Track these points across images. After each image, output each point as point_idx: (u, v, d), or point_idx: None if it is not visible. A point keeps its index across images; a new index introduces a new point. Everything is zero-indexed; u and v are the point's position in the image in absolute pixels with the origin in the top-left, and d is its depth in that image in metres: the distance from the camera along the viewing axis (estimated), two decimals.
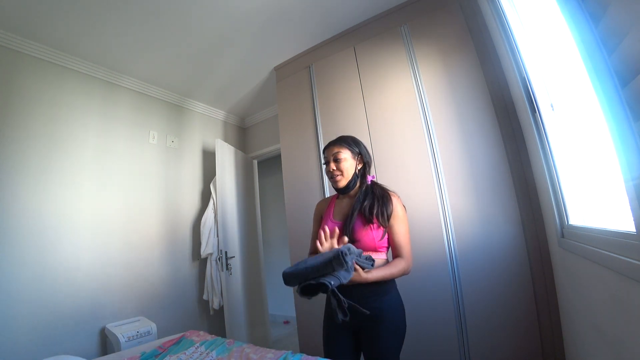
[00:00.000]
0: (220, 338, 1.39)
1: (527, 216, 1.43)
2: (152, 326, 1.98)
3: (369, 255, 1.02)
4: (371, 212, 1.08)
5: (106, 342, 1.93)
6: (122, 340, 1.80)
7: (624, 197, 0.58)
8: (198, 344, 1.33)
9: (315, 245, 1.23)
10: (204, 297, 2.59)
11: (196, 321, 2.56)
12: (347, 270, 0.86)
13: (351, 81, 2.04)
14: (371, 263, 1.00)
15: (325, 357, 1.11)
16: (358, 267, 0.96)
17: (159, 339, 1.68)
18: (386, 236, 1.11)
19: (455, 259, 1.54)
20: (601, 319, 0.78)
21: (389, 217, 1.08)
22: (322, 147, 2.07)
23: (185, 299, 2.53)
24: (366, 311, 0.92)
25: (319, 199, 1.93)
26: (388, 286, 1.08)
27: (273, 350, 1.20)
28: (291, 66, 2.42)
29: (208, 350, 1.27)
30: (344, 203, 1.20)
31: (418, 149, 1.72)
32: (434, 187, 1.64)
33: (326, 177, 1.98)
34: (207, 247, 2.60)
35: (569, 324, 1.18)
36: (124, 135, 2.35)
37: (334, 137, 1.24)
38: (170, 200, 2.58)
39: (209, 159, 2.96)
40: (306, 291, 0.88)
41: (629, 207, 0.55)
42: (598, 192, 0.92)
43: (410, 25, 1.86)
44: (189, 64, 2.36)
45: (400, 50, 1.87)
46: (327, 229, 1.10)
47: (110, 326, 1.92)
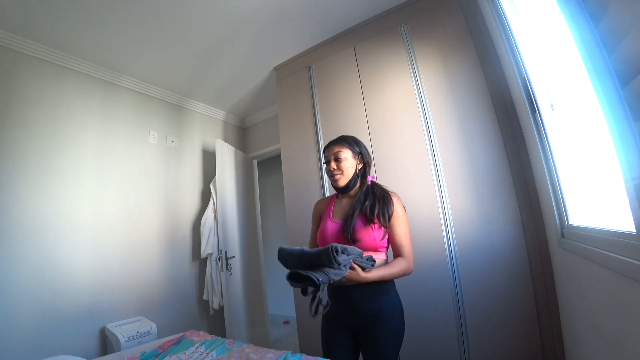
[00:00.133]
0: (220, 338, 1.39)
1: (527, 216, 1.43)
2: (152, 326, 1.98)
3: (370, 256, 1.02)
4: (372, 212, 1.08)
5: (106, 342, 1.93)
6: (122, 340, 1.80)
7: (624, 197, 0.58)
8: (198, 344, 1.33)
9: (314, 245, 1.23)
10: (204, 297, 2.59)
11: (196, 321, 2.56)
12: (338, 269, 0.86)
13: (351, 81, 2.04)
14: (371, 263, 1.00)
15: (325, 357, 1.11)
16: (357, 266, 0.96)
17: (159, 339, 1.68)
18: (386, 236, 1.11)
19: (455, 259, 1.54)
20: (601, 319, 0.78)
21: (389, 218, 1.08)
22: (322, 147, 2.07)
23: (185, 299, 2.53)
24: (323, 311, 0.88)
25: (318, 198, 1.93)
26: (387, 286, 1.08)
27: (273, 350, 1.20)
28: (291, 66, 2.42)
29: (208, 350, 1.27)
30: (344, 203, 1.20)
31: (418, 149, 1.72)
32: (434, 187, 1.64)
33: (326, 176, 1.99)
34: (207, 247, 2.60)
35: (569, 324, 1.17)
36: (124, 135, 2.35)
37: (334, 137, 1.24)
38: (170, 200, 2.58)
39: (209, 159, 2.96)
40: (294, 278, 0.88)
41: (629, 207, 0.55)
42: (598, 192, 0.92)
43: (410, 25, 1.86)
44: (189, 64, 2.36)
45: (400, 50, 1.87)
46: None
47: (110, 326, 1.92)
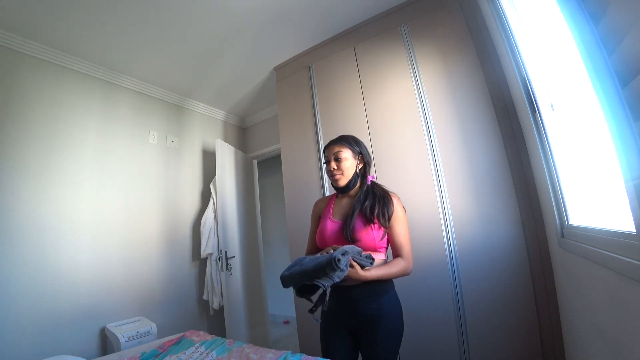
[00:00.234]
0: (220, 338, 1.39)
1: (527, 216, 1.43)
2: (152, 326, 1.98)
3: (369, 254, 1.02)
4: (372, 212, 1.08)
5: (106, 342, 1.93)
6: (122, 340, 1.80)
7: (624, 197, 0.58)
8: (198, 344, 1.33)
9: (313, 245, 1.23)
10: (204, 297, 2.59)
11: (196, 321, 2.56)
12: (341, 270, 0.89)
13: (351, 81, 2.04)
14: (370, 261, 1.00)
15: (324, 357, 1.11)
16: (356, 264, 0.97)
17: (159, 339, 1.68)
18: (386, 236, 1.11)
19: (455, 259, 1.54)
20: (601, 319, 0.78)
21: (389, 218, 1.08)
22: (322, 147, 2.07)
23: (185, 299, 2.53)
24: (318, 320, 0.92)
25: (318, 198, 1.93)
26: (386, 287, 1.08)
27: (273, 350, 1.20)
28: (291, 66, 2.42)
29: (208, 350, 1.27)
30: (344, 203, 1.20)
31: (418, 149, 1.72)
32: (434, 187, 1.64)
33: (326, 176, 1.99)
34: (207, 247, 2.60)
35: (569, 324, 1.17)
36: (124, 135, 2.35)
37: (334, 137, 1.24)
38: (170, 200, 2.58)
39: (209, 159, 2.96)
40: (302, 292, 0.93)
41: (629, 207, 0.55)
42: (598, 192, 0.92)
43: (410, 25, 1.86)
44: (189, 64, 2.36)
45: (400, 50, 1.87)
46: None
47: (110, 326, 1.92)
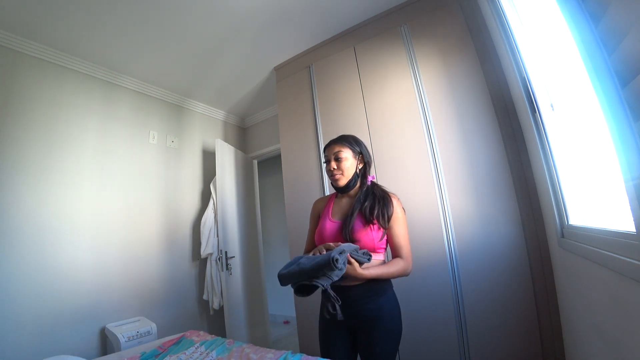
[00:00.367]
0: (220, 338, 1.39)
1: (527, 216, 1.43)
2: (152, 326, 1.98)
3: (366, 251, 1.02)
4: (372, 213, 1.08)
5: (106, 342, 1.93)
6: (122, 340, 1.80)
7: (624, 197, 0.58)
8: (198, 344, 1.33)
9: (311, 244, 1.23)
10: (204, 297, 2.59)
11: (196, 321, 2.56)
12: (339, 269, 0.90)
13: (351, 81, 2.04)
14: (368, 257, 1.01)
15: (323, 357, 1.10)
16: (354, 261, 0.97)
17: (159, 339, 1.68)
18: (385, 237, 1.11)
19: (455, 259, 1.54)
20: (601, 319, 0.78)
21: (389, 219, 1.08)
22: (322, 147, 2.07)
23: (185, 299, 2.53)
24: (341, 316, 0.93)
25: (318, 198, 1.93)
26: (385, 287, 1.08)
27: (273, 350, 1.20)
28: (291, 66, 2.42)
29: (208, 350, 1.27)
30: (343, 202, 1.19)
31: (418, 149, 1.72)
32: (434, 187, 1.64)
33: (326, 176, 1.99)
34: (207, 247, 2.60)
35: (569, 324, 1.17)
36: (124, 135, 2.35)
37: (334, 137, 1.23)
38: (170, 200, 2.58)
39: (209, 159, 2.96)
40: (300, 291, 0.93)
41: (629, 207, 0.55)
42: (598, 192, 0.92)
43: (410, 25, 1.86)
44: (189, 64, 2.36)
45: (400, 50, 1.87)
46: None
47: (110, 326, 1.92)
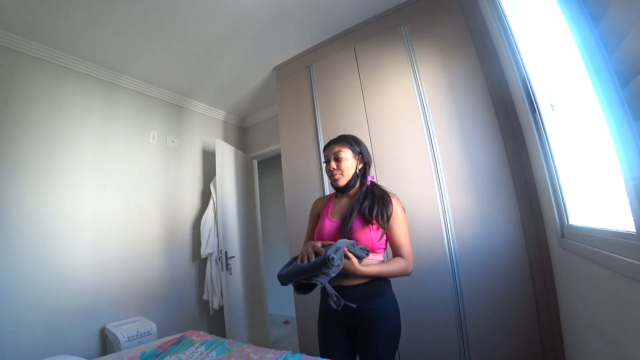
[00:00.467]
0: (220, 338, 1.39)
1: (527, 216, 1.43)
2: (152, 326, 1.98)
3: (364, 247, 1.02)
4: (371, 213, 1.08)
5: (106, 342, 1.93)
6: (122, 340, 1.80)
7: (624, 197, 0.58)
8: (198, 344, 1.33)
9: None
10: (204, 297, 2.59)
11: (196, 321, 2.56)
12: (337, 266, 0.91)
13: (351, 81, 2.04)
14: (366, 252, 1.01)
15: (322, 357, 1.10)
16: (351, 255, 0.97)
17: (159, 339, 1.68)
18: (384, 237, 1.10)
19: (455, 259, 1.54)
20: (601, 319, 0.78)
21: (388, 219, 1.08)
22: (322, 147, 2.07)
23: (185, 299, 2.53)
24: (352, 305, 0.95)
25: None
26: (384, 288, 1.08)
27: (273, 350, 1.20)
28: (291, 66, 2.42)
29: (208, 350, 1.27)
30: (343, 202, 1.19)
31: (418, 149, 1.72)
32: (434, 187, 1.64)
33: (326, 176, 1.99)
34: (207, 247, 2.60)
35: (569, 324, 1.17)
36: (124, 135, 2.35)
37: (334, 137, 1.23)
38: (170, 200, 2.58)
39: (209, 159, 2.96)
40: (300, 289, 0.97)
41: (629, 207, 0.55)
42: (598, 192, 0.92)
43: (410, 25, 1.86)
44: (189, 63, 2.36)
45: (400, 50, 1.87)
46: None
47: (110, 326, 1.92)
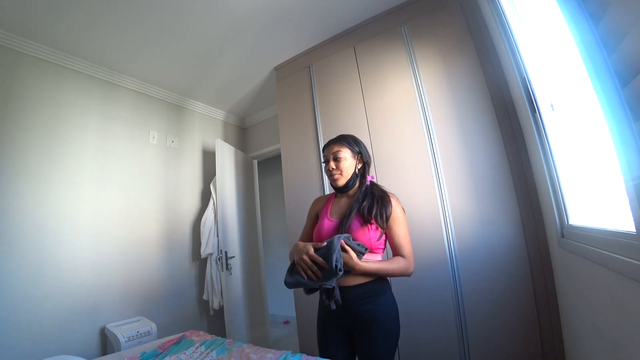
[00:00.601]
0: (220, 338, 1.39)
1: (527, 216, 1.43)
2: (152, 326, 1.98)
3: (361, 243, 1.03)
4: (370, 213, 1.07)
5: (106, 342, 1.93)
6: (122, 340, 1.80)
7: (624, 197, 0.58)
8: (198, 344, 1.33)
9: (305, 241, 1.24)
10: (204, 297, 2.59)
11: (196, 321, 2.56)
12: (340, 270, 0.96)
13: (351, 81, 2.04)
14: (364, 248, 1.02)
15: (321, 357, 1.10)
16: (349, 248, 0.98)
17: (159, 339, 1.68)
18: (383, 237, 1.10)
19: (455, 259, 1.54)
20: (601, 319, 0.78)
21: (387, 219, 1.08)
22: (322, 147, 2.06)
23: (185, 299, 2.53)
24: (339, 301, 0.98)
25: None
26: (383, 288, 1.08)
27: (273, 350, 1.20)
28: (291, 66, 2.42)
29: (208, 350, 1.27)
30: (342, 202, 1.19)
31: (418, 149, 1.72)
32: (434, 187, 1.64)
33: (326, 176, 1.99)
34: (207, 247, 2.60)
35: (569, 324, 1.17)
36: (124, 135, 2.35)
37: (333, 137, 1.24)
38: (170, 200, 2.58)
39: (209, 159, 2.96)
40: (309, 290, 1.04)
41: (629, 207, 0.55)
42: (598, 192, 0.92)
43: (410, 25, 1.86)
44: (189, 63, 2.36)
45: (400, 50, 1.87)
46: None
47: (110, 326, 1.92)
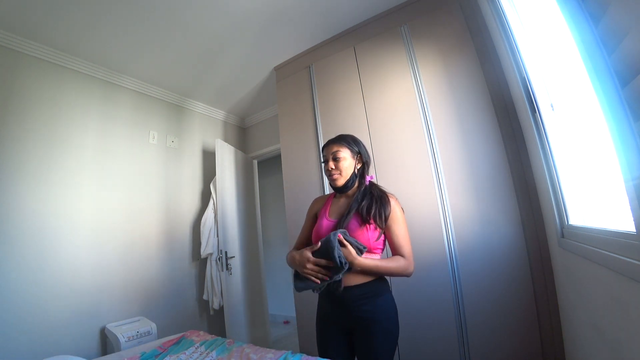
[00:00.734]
0: (220, 338, 1.39)
1: (527, 216, 1.43)
2: (152, 326, 1.98)
3: (359, 242, 1.03)
4: (369, 212, 1.07)
5: (106, 342, 1.93)
6: (122, 340, 1.80)
7: (624, 197, 0.58)
8: (198, 344, 1.33)
9: (303, 240, 1.26)
10: (204, 297, 2.59)
11: (196, 321, 2.56)
12: (346, 263, 0.98)
13: (351, 81, 2.04)
14: (363, 246, 1.02)
15: (320, 357, 1.10)
16: (348, 244, 0.99)
17: (159, 339, 1.68)
18: (382, 238, 1.10)
19: (455, 259, 1.54)
20: (601, 319, 0.78)
21: (386, 219, 1.08)
22: (322, 147, 2.07)
23: (185, 299, 2.53)
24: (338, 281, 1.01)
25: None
26: (381, 289, 1.08)
27: (273, 350, 1.20)
28: (291, 66, 2.42)
29: (208, 350, 1.27)
30: (341, 202, 1.19)
31: (418, 149, 1.72)
32: (434, 187, 1.64)
33: (325, 176, 1.98)
34: (207, 247, 2.60)
35: (569, 324, 1.18)
36: (124, 135, 2.35)
37: (333, 137, 1.24)
38: (170, 200, 2.58)
39: (209, 159, 2.96)
40: (321, 290, 1.06)
41: (629, 207, 0.55)
42: (598, 192, 0.92)
43: (410, 25, 1.86)
44: (189, 63, 2.36)
45: (400, 50, 1.87)
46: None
47: (110, 326, 1.92)
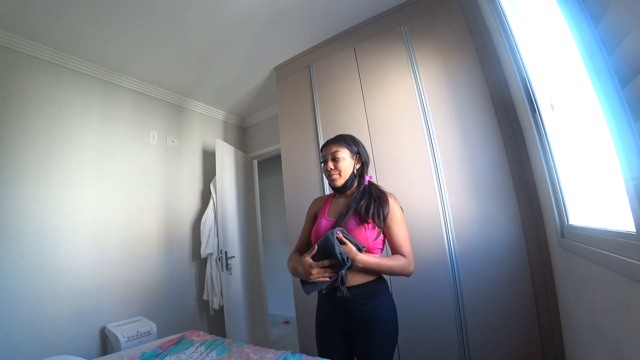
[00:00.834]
0: (220, 338, 1.39)
1: (527, 216, 1.43)
2: (152, 326, 1.98)
3: (356, 240, 1.04)
4: (367, 212, 1.07)
5: (106, 342, 1.93)
6: (122, 340, 1.80)
7: (624, 197, 0.58)
8: (198, 344, 1.33)
9: (303, 241, 1.26)
10: (204, 297, 2.59)
11: (196, 321, 2.56)
12: (347, 258, 0.98)
13: (351, 81, 2.04)
14: (362, 246, 1.03)
15: (320, 357, 1.10)
16: (349, 243, 0.99)
17: (159, 339, 1.68)
18: (381, 238, 1.10)
19: (455, 259, 1.54)
20: (601, 319, 0.78)
21: (385, 218, 1.08)
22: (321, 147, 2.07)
23: (185, 299, 2.53)
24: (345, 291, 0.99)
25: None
26: (381, 289, 1.08)
27: (273, 350, 1.20)
28: (291, 66, 2.42)
29: (208, 350, 1.27)
30: (340, 202, 1.19)
31: (418, 149, 1.72)
32: (434, 187, 1.64)
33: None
34: (207, 247, 2.60)
35: (569, 324, 1.18)
36: (124, 135, 2.35)
37: (332, 137, 1.23)
38: (170, 200, 2.58)
39: (209, 159, 2.96)
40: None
41: (629, 207, 0.55)
42: (598, 192, 0.92)
43: (410, 25, 1.86)
44: (189, 63, 2.36)
45: (400, 50, 1.87)
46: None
47: (110, 326, 1.92)
